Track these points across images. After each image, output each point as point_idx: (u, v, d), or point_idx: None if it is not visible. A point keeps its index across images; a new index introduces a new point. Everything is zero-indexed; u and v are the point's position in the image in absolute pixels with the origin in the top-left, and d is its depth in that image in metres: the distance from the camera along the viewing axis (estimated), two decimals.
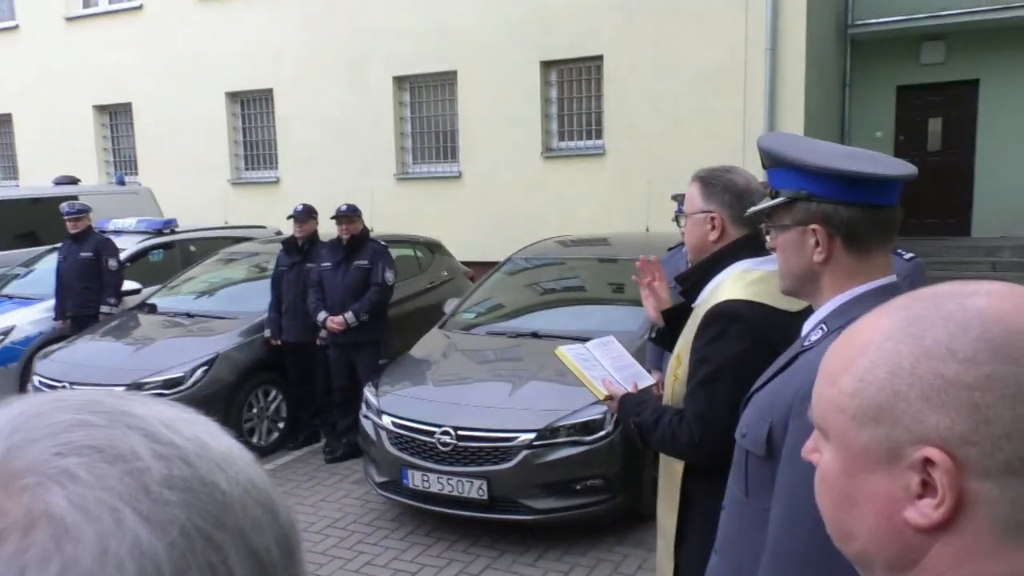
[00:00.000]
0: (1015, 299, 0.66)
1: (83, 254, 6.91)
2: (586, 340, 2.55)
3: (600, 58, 9.91)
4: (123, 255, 7.21)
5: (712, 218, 2.09)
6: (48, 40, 13.61)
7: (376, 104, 11.19)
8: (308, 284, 6.03)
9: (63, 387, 5.64)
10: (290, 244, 6.32)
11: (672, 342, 2.26)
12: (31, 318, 7.10)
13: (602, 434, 4.35)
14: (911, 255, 3.92)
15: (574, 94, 10.36)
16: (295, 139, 11.88)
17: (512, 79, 10.28)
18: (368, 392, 5.09)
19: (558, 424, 4.35)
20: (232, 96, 12.45)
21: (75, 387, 5.57)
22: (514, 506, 4.37)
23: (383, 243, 6.17)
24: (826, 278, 1.46)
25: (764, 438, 1.47)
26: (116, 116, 13.73)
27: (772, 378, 1.53)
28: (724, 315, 1.95)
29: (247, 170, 12.71)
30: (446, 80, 10.91)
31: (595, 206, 9.85)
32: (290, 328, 6.10)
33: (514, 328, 5.61)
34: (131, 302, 7.12)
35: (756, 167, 2.25)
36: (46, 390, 5.73)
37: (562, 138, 10.46)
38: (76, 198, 8.05)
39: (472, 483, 4.35)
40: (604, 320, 5.43)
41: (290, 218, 6.31)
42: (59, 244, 7.33)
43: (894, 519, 0.66)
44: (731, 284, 2.01)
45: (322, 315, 5.84)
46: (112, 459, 0.37)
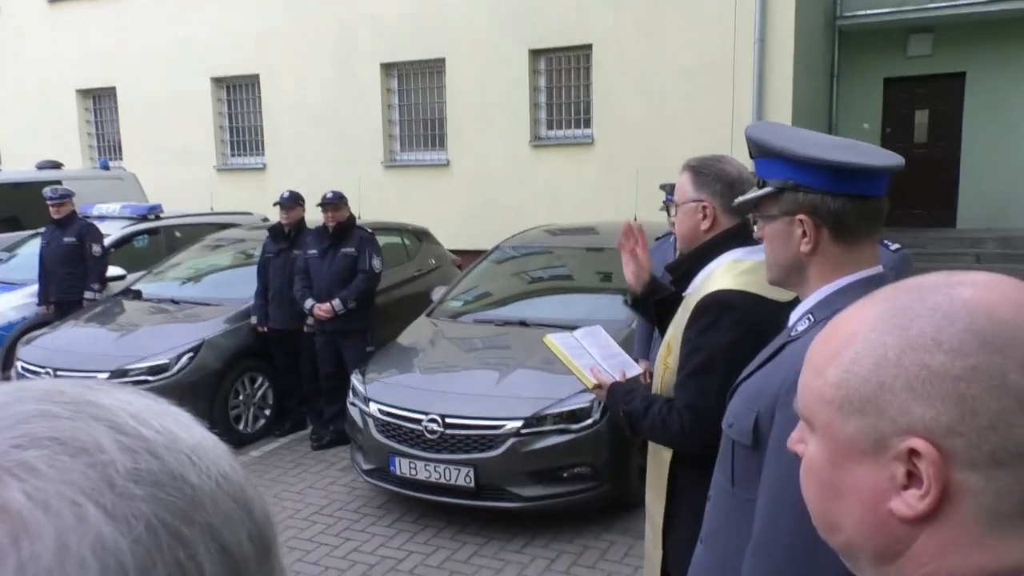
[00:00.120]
0: (1001, 289, 0.66)
1: (66, 239, 6.84)
2: (574, 328, 2.55)
3: (589, 47, 9.89)
4: (107, 241, 7.14)
5: (703, 207, 2.08)
6: (31, 23, 13.42)
7: (363, 91, 11.12)
8: (294, 271, 6.00)
9: (46, 373, 5.59)
10: (276, 231, 6.28)
11: (662, 329, 2.27)
12: (14, 303, 7.03)
13: (589, 422, 4.37)
14: (897, 246, 3.95)
15: (563, 83, 10.33)
16: (281, 125, 11.79)
17: (501, 67, 10.24)
18: (355, 379, 5.08)
19: (545, 412, 4.36)
20: (218, 81, 12.34)
21: (59, 373, 5.53)
22: (501, 493, 4.38)
23: (370, 230, 6.15)
24: (813, 268, 1.46)
25: (750, 428, 1.48)
26: (100, 100, 13.58)
27: (759, 368, 1.53)
28: (716, 305, 1.95)
29: (233, 156, 12.62)
30: (434, 67, 10.85)
31: (583, 195, 9.85)
32: (276, 315, 6.07)
33: (502, 316, 5.61)
34: (115, 288, 7.06)
35: (744, 157, 2.25)
36: (29, 376, 5.69)
37: (550, 127, 10.44)
38: (59, 183, 7.97)
39: (459, 470, 4.36)
40: (592, 308, 5.44)
41: (276, 205, 6.26)
42: (42, 229, 7.25)
43: (880, 510, 0.66)
44: (722, 274, 2.00)
45: (309, 302, 5.82)
46: (75, 452, 0.35)
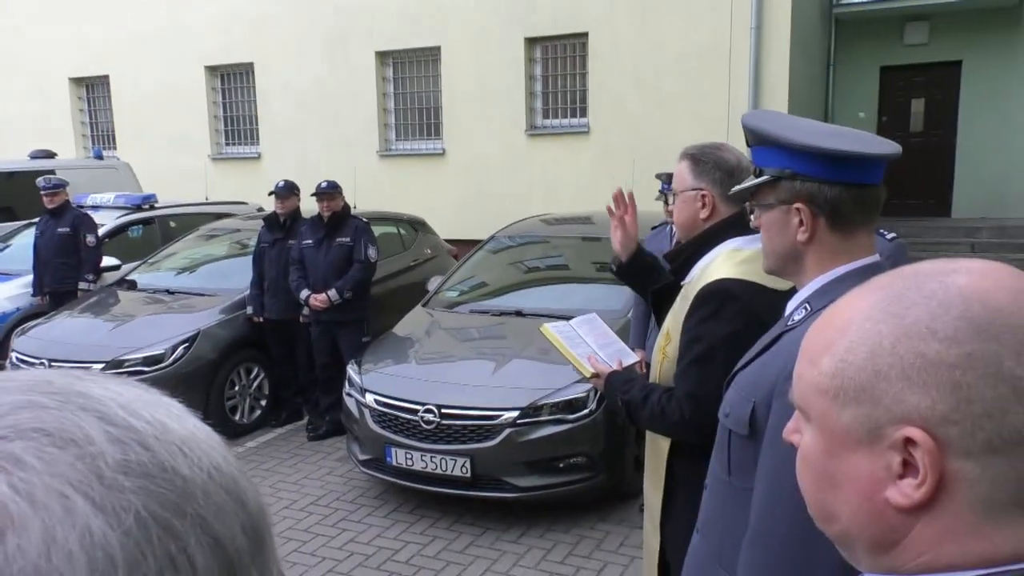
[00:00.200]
0: (996, 276, 0.65)
1: (60, 229, 6.81)
2: (570, 318, 2.55)
3: (585, 35, 9.85)
4: (101, 231, 7.11)
5: (703, 196, 2.07)
6: (23, 11, 13.31)
7: (359, 79, 11.06)
8: (289, 262, 5.98)
9: (41, 364, 5.58)
10: (272, 221, 6.26)
11: (659, 318, 2.26)
12: (8, 294, 7.01)
13: (585, 412, 4.37)
14: (893, 235, 3.94)
15: (558, 71, 10.29)
16: (276, 114, 11.74)
17: (496, 56, 10.20)
18: (351, 370, 5.08)
19: (541, 402, 4.36)
20: (212, 70, 12.26)
21: (53, 364, 5.51)
22: (497, 484, 4.38)
23: (365, 220, 6.13)
24: (809, 257, 1.46)
25: (747, 418, 1.47)
26: (93, 89, 13.49)
27: (755, 357, 1.53)
28: (717, 294, 1.94)
29: (227, 145, 12.56)
30: (430, 56, 10.80)
31: (579, 184, 9.83)
32: (272, 305, 6.05)
33: (498, 306, 5.60)
34: (110, 278, 7.03)
35: (740, 145, 2.24)
36: (24, 367, 5.67)
37: (546, 116, 10.40)
38: (53, 172, 7.93)
39: (455, 461, 4.36)
40: (588, 298, 5.43)
41: (272, 194, 6.24)
42: (36, 219, 7.22)
43: (875, 499, 0.66)
44: (722, 263, 1.99)
45: (305, 293, 5.80)
46: (62, 443, 0.34)
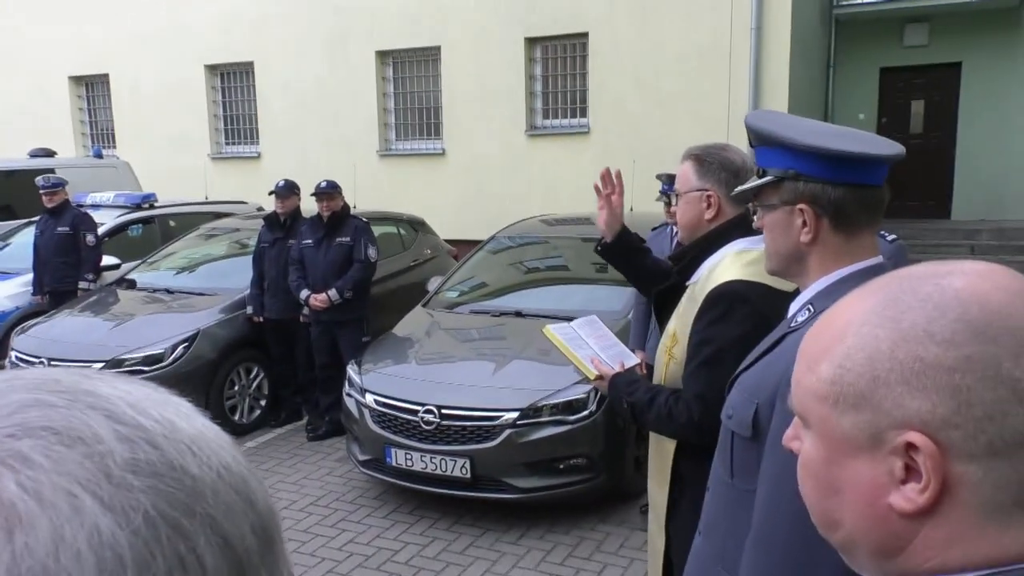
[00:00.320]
0: (993, 278, 0.65)
1: (60, 229, 6.80)
2: (570, 319, 2.54)
3: (585, 35, 9.84)
4: (101, 230, 7.10)
5: (708, 196, 2.06)
6: (23, 10, 13.29)
7: (359, 79, 11.05)
8: (289, 261, 5.97)
9: (40, 363, 5.57)
10: (272, 220, 6.25)
11: (661, 318, 2.26)
12: (7, 292, 7.00)
13: (585, 413, 4.36)
14: (893, 237, 3.95)
15: (559, 71, 10.29)
16: (276, 113, 11.73)
17: (496, 55, 10.19)
18: (351, 370, 5.07)
19: (541, 403, 4.36)
20: (211, 69, 12.25)
21: (53, 363, 5.51)
22: (497, 485, 4.38)
23: (365, 220, 6.13)
24: (813, 259, 1.45)
25: (750, 420, 1.47)
26: (93, 88, 13.48)
27: (758, 359, 1.52)
28: (728, 296, 1.93)
29: (227, 144, 12.55)
30: (430, 56, 10.79)
31: (579, 184, 9.79)
32: (272, 305, 6.05)
33: (498, 307, 5.59)
34: (109, 277, 7.03)
35: (740, 146, 2.24)
36: (23, 366, 5.66)
37: (546, 116, 10.40)
38: (52, 171, 7.92)
39: (455, 462, 4.35)
40: (588, 299, 5.43)
41: (272, 194, 6.23)
42: (36, 218, 7.21)
43: (878, 505, 0.66)
44: (729, 264, 1.99)
45: (305, 293, 5.80)
46: (70, 441, 0.34)
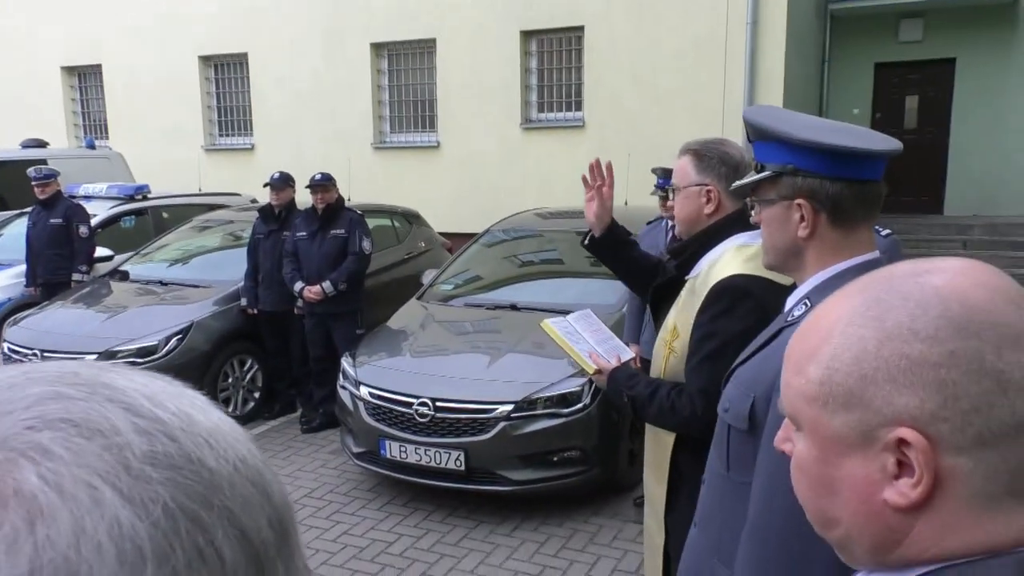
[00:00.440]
0: (972, 274, 0.67)
1: (53, 220, 6.76)
2: (565, 313, 2.55)
3: (581, 29, 9.82)
4: (93, 221, 7.06)
5: (708, 191, 2.07)
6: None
7: (353, 71, 11.01)
8: (283, 254, 5.96)
9: (33, 355, 5.55)
10: (267, 212, 6.23)
11: (657, 312, 2.26)
12: None
13: (579, 406, 4.37)
14: (888, 232, 3.95)
15: (554, 65, 10.27)
16: (270, 105, 11.68)
17: (492, 49, 10.16)
18: (346, 363, 5.07)
19: (536, 396, 4.37)
20: (205, 60, 12.19)
21: (46, 355, 5.48)
22: (491, 477, 4.39)
23: (359, 212, 6.11)
24: (810, 253, 1.45)
25: (746, 413, 1.48)
26: (85, 78, 13.39)
27: (755, 352, 1.53)
28: (731, 290, 1.93)
29: (221, 136, 12.49)
30: (425, 48, 10.76)
31: (574, 178, 9.69)
32: (266, 297, 6.03)
33: (492, 300, 5.59)
34: (102, 269, 6.99)
35: (735, 141, 2.24)
36: (16, 357, 5.64)
37: (541, 109, 10.38)
38: (45, 162, 7.88)
39: (450, 454, 4.36)
40: (582, 292, 5.44)
41: (267, 186, 6.21)
42: (28, 209, 7.17)
43: (873, 501, 0.67)
44: (731, 259, 1.99)
45: (299, 285, 5.79)
46: (90, 434, 0.34)
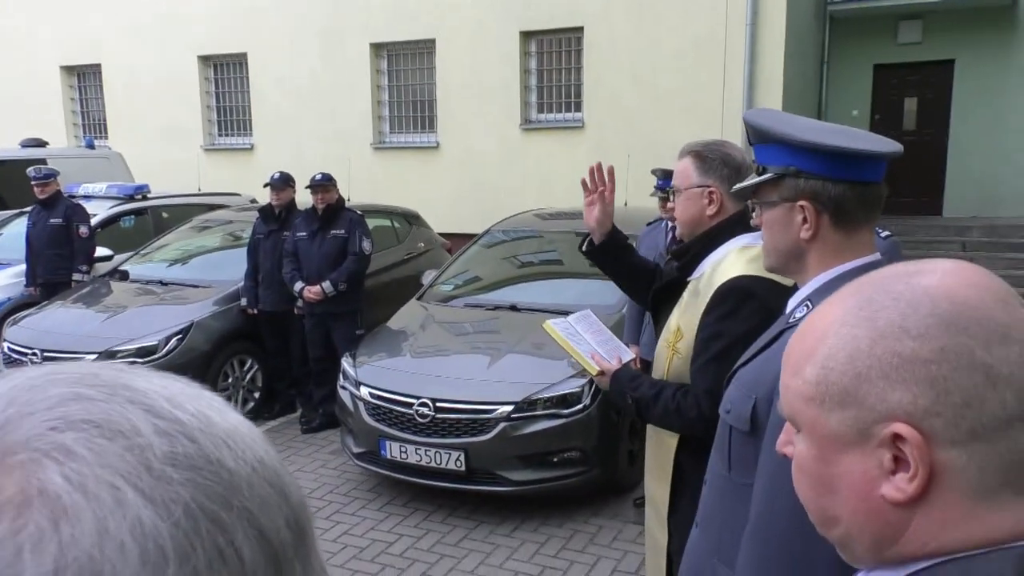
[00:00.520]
0: (961, 275, 0.69)
1: (53, 220, 6.75)
2: (565, 313, 2.56)
3: (580, 30, 9.83)
4: (93, 221, 7.06)
5: (710, 192, 2.08)
6: None
7: (353, 71, 11.01)
8: (283, 254, 5.96)
9: (33, 354, 5.55)
10: (267, 212, 6.24)
11: (658, 314, 2.27)
12: None
13: (579, 407, 4.38)
14: (887, 233, 3.96)
15: (554, 65, 10.27)
16: (270, 105, 11.67)
17: (491, 49, 10.17)
18: (346, 363, 5.07)
19: (536, 397, 4.37)
20: (204, 60, 12.19)
21: (46, 354, 5.48)
22: (492, 477, 4.40)
23: (359, 212, 6.12)
24: (812, 255, 1.46)
25: (748, 414, 1.48)
26: (84, 78, 13.39)
27: (757, 354, 1.53)
28: (737, 291, 1.94)
29: (220, 136, 12.49)
30: (424, 49, 10.76)
31: (573, 179, 9.71)
32: (266, 297, 6.04)
33: (492, 300, 5.60)
34: (102, 269, 6.99)
35: (734, 142, 2.25)
36: (15, 357, 5.64)
37: (541, 110, 10.38)
38: (44, 161, 7.87)
39: (450, 454, 4.37)
40: (582, 293, 5.44)
41: (267, 186, 6.21)
42: (27, 208, 7.16)
43: (872, 497, 0.68)
44: (735, 260, 2.00)
45: (299, 285, 5.79)
46: (111, 435, 0.35)
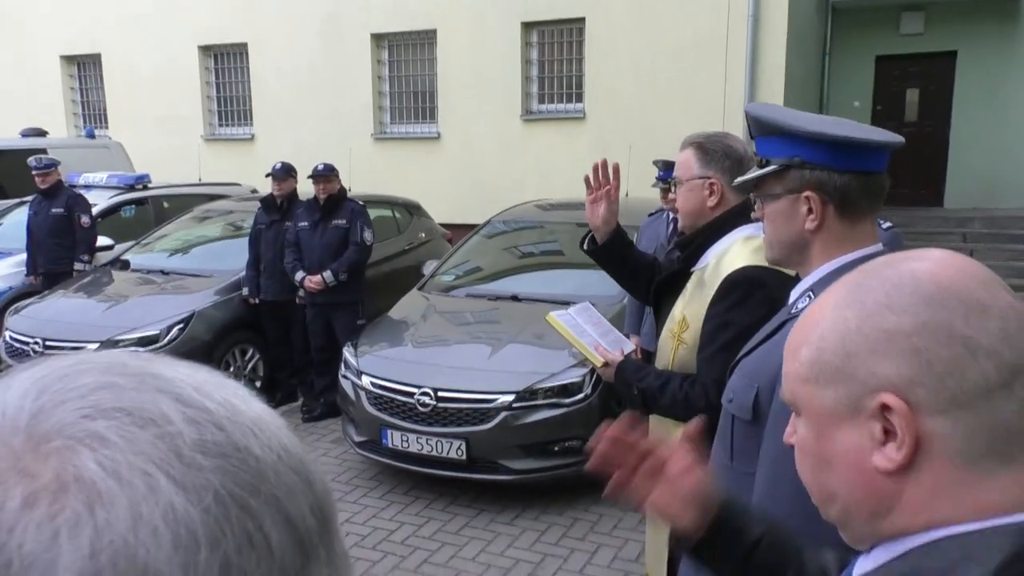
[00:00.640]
0: (948, 262, 0.73)
1: (54, 210, 6.75)
2: (566, 304, 2.57)
3: (582, 20, 9.81)
4: (94, 210, 7.06)
5: (711, 184, 2.09)
6: None
7: (354, 61, 10.99)
8: (285, 244, 5.97)
9: (35, 343, 5.56)
10: (269, 202, 6.24)
11: (660, 304, 2.28)
12: (0, 273, 6.97)
13: (580, 396, 4.40)
14: (889, 224, 3.98)
15: (554, 57, 10.25)
16: (270, 95, 11.65)
17: (492, 39, 10.14)
18: (347, 352, 5.09)
19: (537, 386, 4.39)
20: (205, 50, 12.16)
21: (48, 344, 5.50)
22: (493, 466, 4.42)
23: (361, 203, 6.12)
24: (816, 246, 1.46)
25: (751, 403, 1.49)
26: (85, 67, 13.36)
27: (759, 344, 1.54)
28: (744, 282, 1.95)
29: (221, 126, 12.47)
30: (425, 39, 10.74)
31: (574, 170, 9.75)
32: (268, 287, 6.05)
33: (493, 291, 5.61)
34: (103, 258, 7.00)
35: (735, 134, 2.26)
36: (17, 346, 5.65)
37: (542, 101, 10.37)
38: (44, 151, 7.87)
39: (451, 443, 4.39)
40: (583, 284, 5.45)
41: (269, 176, 6.21)
42: (28, 198, 7.16)
43: (865, 468, 0.71)
44: (739, 250, 2.01)
45: (300, 275, 5.80)
46: (142, 423, 0.35)
